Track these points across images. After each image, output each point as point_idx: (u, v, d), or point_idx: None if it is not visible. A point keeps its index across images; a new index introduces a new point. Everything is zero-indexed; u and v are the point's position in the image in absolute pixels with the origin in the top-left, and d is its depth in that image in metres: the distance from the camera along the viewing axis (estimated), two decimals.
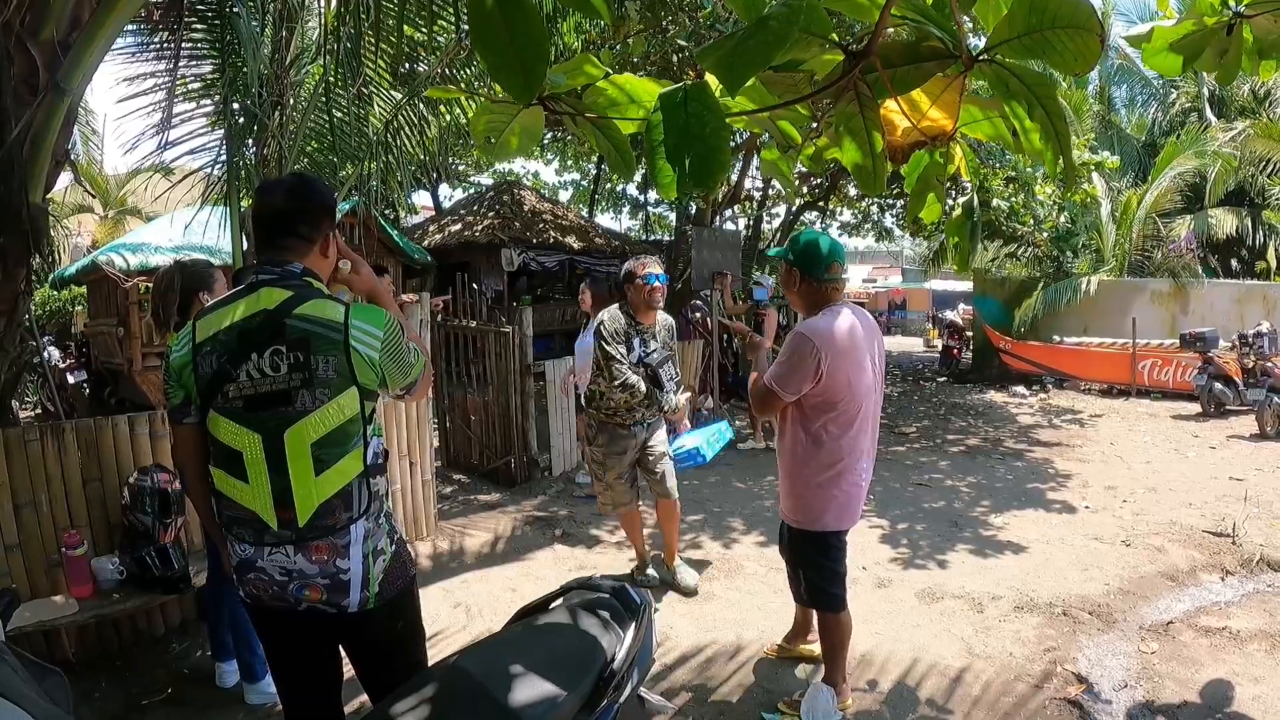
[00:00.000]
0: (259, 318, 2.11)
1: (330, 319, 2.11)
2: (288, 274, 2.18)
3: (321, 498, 2.09)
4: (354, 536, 2.14)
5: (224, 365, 2.10)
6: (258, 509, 2.09)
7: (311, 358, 2.08)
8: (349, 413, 2.11)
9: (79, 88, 3.64)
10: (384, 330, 2.15)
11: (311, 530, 2.09)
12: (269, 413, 2.08)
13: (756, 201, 16.41)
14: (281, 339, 2.08)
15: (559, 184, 22.90)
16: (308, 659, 2.35)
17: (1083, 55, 1.46)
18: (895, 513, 6.65)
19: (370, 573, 2.17)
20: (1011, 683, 3.83)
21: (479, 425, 7.89)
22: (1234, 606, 4.74)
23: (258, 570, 2.15)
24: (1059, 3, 1.44)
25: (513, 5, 1.24)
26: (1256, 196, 18.14)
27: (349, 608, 2.16)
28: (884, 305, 35.34)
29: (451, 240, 14.78)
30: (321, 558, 2.12)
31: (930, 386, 15.47)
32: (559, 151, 19.72)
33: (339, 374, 2.09)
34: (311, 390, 2.08)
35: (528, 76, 1.29)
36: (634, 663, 2.17)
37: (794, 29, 1.28)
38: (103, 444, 4.13)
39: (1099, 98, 22.93)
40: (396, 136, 6.86)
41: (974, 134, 1.86)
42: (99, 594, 3.88)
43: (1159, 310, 14.99)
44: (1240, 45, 2.40)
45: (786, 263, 3.38)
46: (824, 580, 3.41)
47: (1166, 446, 9.44)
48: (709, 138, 1.36)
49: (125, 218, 20.25)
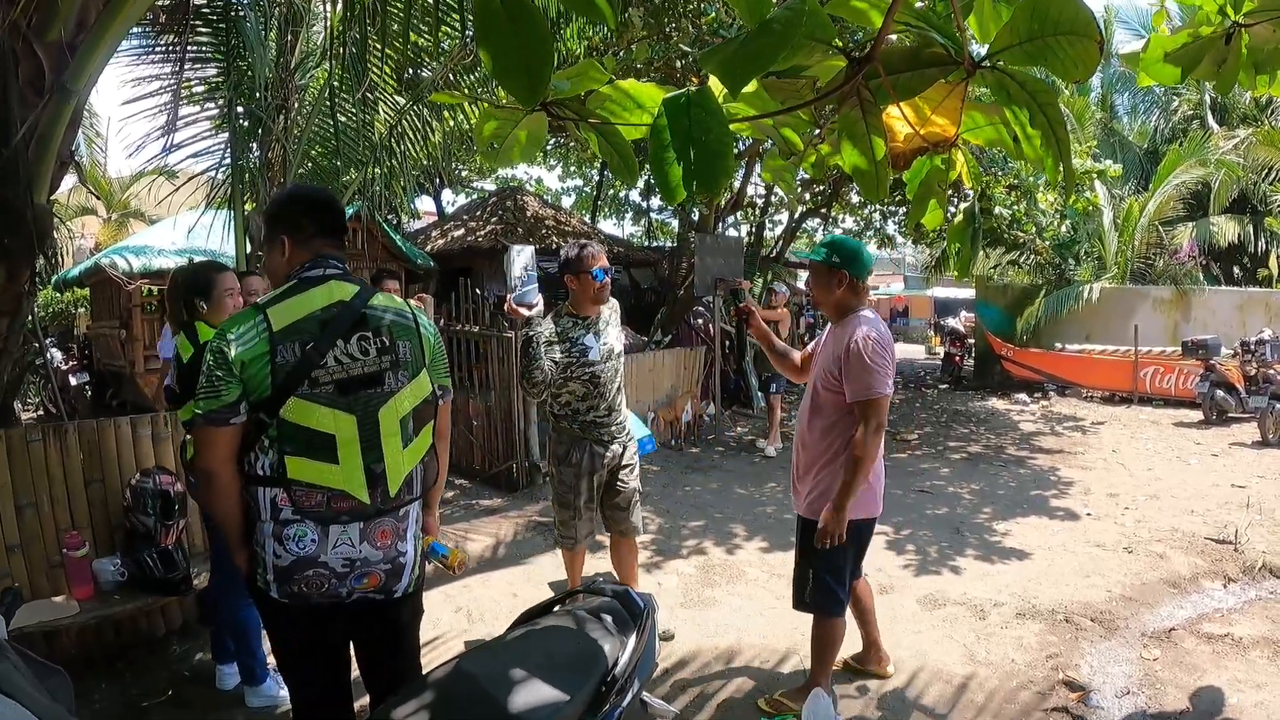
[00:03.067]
0: (336, 308, 2.24)
1: (402, 309, 2.39)
2: (346, 272, 2.36)
3: (408, 467, 2.30)
4: (411, 517, 2.36)
5: (309, 353, 2.16)
6: (350, 487, 2.19)
7: (397, 342, 2.30)
8: (426, 390, 2.38)
9: (85, 89, 3.66)
10: (432, 325, 2.49)
11: (398, 501, 2.28)
12: (362, 393, 2.23)
13: (759, 208, 16.42)
14: (365, 326, 2.26)
15: (562, 190, 22.86)
16: (333, 654, 2.42)
17: (1083, 62, 1.47)
18: (898, 519, 6.64)
19: (418, 555, 2.40)
20: (1013, 689, 3.83)
21: (481, 430, 7.90)
22: (1236, 613, 4.74)
23: (318, 567, 2.18)
24: (1060, 10, 1.44)
25: (519, 9, 1.25)
26: (1259, 204, 18.14)
27: (397, 592, 2.32)
28: (886, 312, 35.35)
29: (454, 245, 14.77)
30: (384, 542, 2.27)
31: (932, 393, 15.47)
32: (562, 157, 19.71)
33: (414, 357, 2.35)
34: (396, 371, 2.29)
35: (533, 81, 1.30)
36: (636, 667, 2.18)
37: (797, 32, 1.29)
38: (105, 445, 4.14)
39: (1101, 105, 22.95)
40: (400, 141, 6.88)
41: (976, 140, 1.87)
42: (100, 595, 3.89)
43: (1161, 317, 14.99)
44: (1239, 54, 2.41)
45: (828, 266, 3.41)
46: (835, 580, 3.43)
47: (1169, 454, 9.44)
48: (713, 142, 1.36)
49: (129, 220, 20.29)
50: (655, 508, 7.01)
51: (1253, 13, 2.28)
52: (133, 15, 3.58)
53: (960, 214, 2.16)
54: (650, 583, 5.20)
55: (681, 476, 8.33)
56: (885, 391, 3.24)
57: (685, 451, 9.59)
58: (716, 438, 10.43)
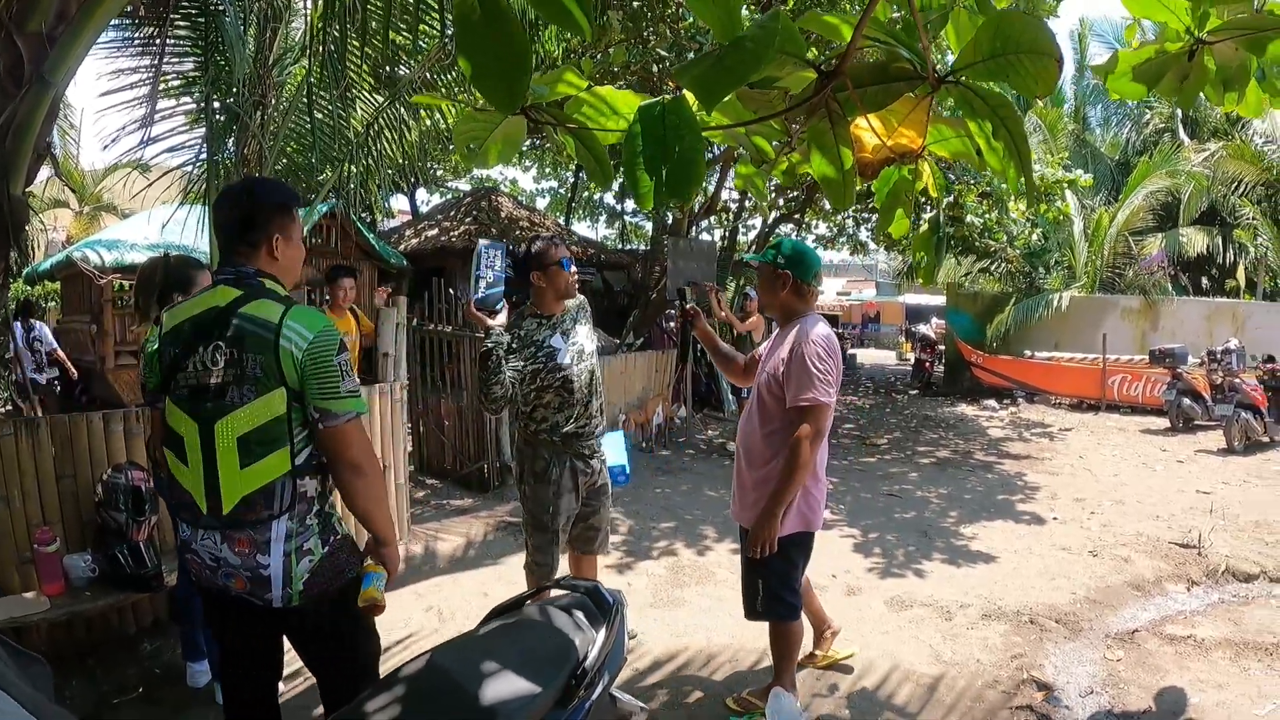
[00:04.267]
0: (211, 314, 2.23)
1: (266, 319, 2.19)
2: (242, 274, 2.28)
3: (245, 490, 2.18)
4: (275, 534, 2.22)
5: (177, 356, 2.25)
6: (193, 493, 2.23)
7: (245, 355, 2.17)
8: (276, 411, 2.19)
9: (63, 81, 3.64)
10: (315, 335, 2.20)
11: (233, 520, 2.20)
12: (205, 403, 2.20)
13: (733, 213, 16.51)
14: (224, 335, 2.19)
15: (536, 191, 22.87)
16: (243, 642, 2.47)
17: (1043, 78, 1.53)
18: (866, 522, 6.72)
19: (293, 571, 2.24)
20: (978, 689, 3.90)
21: (452, 431, 7.90)
22: (1199, 615, 4.84)
23: (193, 551, 2.30)
24: (1021, 29, 1.50)
25: (497, 18, 1.29)
26: (1228, 216, 18.46)
27: (273, 602, 2.25)
28: (858, 318, 35.61)
29: (427, 245, 14.75)
30: (243, 550, 2.22)
31: (902, 399, 15.62)
32: (537, 159, 19.73)
33: (265, 372, 2.17)
34: (241, 386, 2.17)
35: (511, 87, 1.34)
36: (606, 662, 2.21)
37: (770, 50, 1.33)
38: (76, 440, 4.11)
39: (1074, 117, 23.31)
40: (376, 140, 6.87)
41: (942, 152, 1.92)
42: (71, 591, 3.85)
43: (1129, 326, 15.23)
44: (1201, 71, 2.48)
45: (773, 266, 3.38)
46: (784, 588, 3.40)
47: (1135, 460, 9.59)
48: (685, 150, 1.40)
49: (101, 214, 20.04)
50: (625, 509, 7.05)
51: (1216, 30, 2.35)
52: (113, 8, 3.58)
53: (926, 223, 2.21)
54: (620, 583, 5.24)
55: (652, 479, 8.38)
56: (824, 399, 3.16)
57: (656, 454, 9.63)
58: (687, 440, 10.49)
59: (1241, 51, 2.40)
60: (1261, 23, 2.26)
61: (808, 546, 3.50)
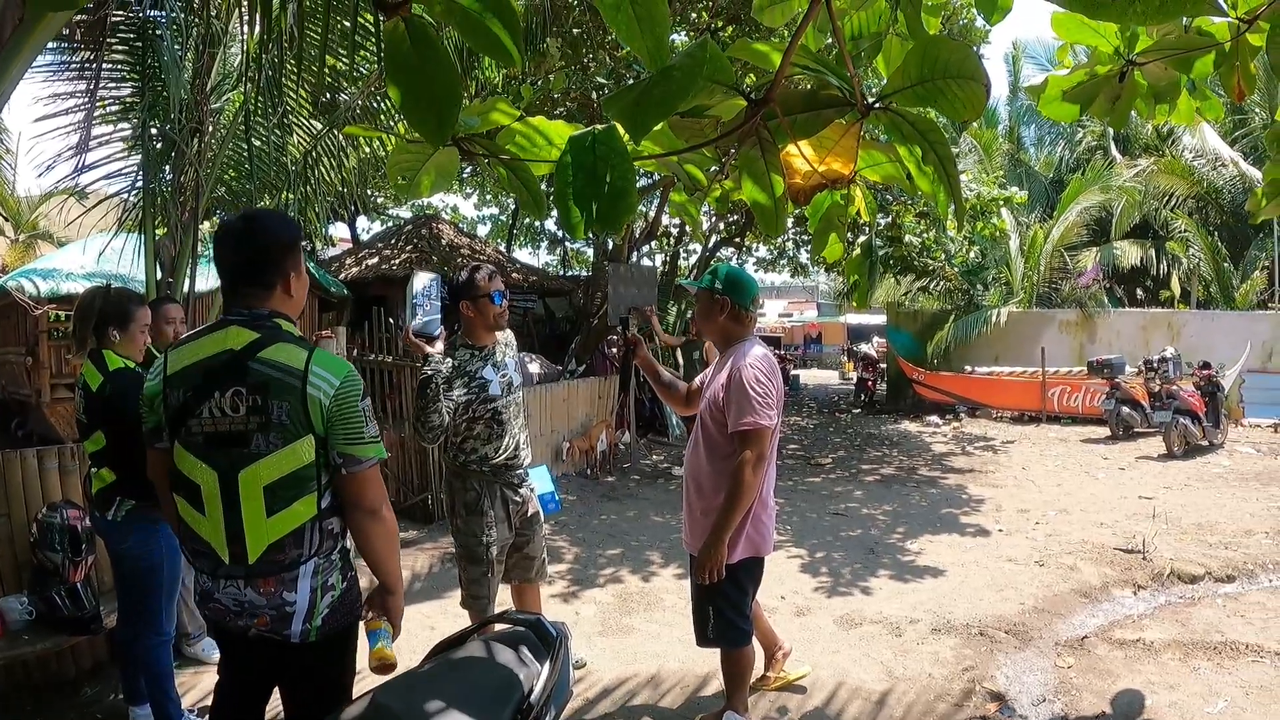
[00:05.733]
0: (224, 357, 2.14)
1: (290, 364, 2.12)
2: (255, 316, 2.20)
3: (272, 538, 2.12)
4: (303, 572, 2.18)
5: (188, 400, 2.15)
6: (213, 543, 2.15)
7: (269, 402, 2.10)
8: (304, 459, 2.13)
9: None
10: (341, 381, 2.15)
11: (261, 566, 2.14)
12: (225, 452, 2.12)
13: (674, 237, 16.62)
14: (242, 381, 2.11)
15: (478, 218, 22.76)
16: (251, 686, 2.43)
17: (970, 103, 1.56)
18: (812, 542, 6.75)
19: (316, 606, 2.20)
20: (931, 703, 3.92)
21: (395, 461, 7.78)
22: (1147, 619, 4.95)
23: (215, 600, 2.23)
24: (949, 54, 1.53)
25: (427, 49, 1.28)
26: (1160, 229, 18.99)
27: (291, 637, 2.20)
28: (800, 339, 35.96)
29: (368, 273, 14.60)
30: (269, 589, 2.16)
31: (846, 418, 15.78)
32: (478, 186, 19.66)
33: (293, 420, 2.10)
34: (266, 434, 2.10)
35: (440, 119, 1.33)
36: (551, 695, 2.19)
37: (697, 80, 1.34)
38: (10, 478, 3.99)
39: (1009, 137, 23.91)
40: (315, 167, 6.78)
41: (873, 176, 1.95)
42: (7, 635, 3.72)
43: (1067, 339, 15.57)
44: (1133, 91, 2.56)
45: (711, 292, 3.37)
46: (736, 614, 3.39)
47: (1077, 469, 9.79)
48: (616, 180, 1.40)
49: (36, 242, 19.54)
50: (571, 537, 7.01)
51: (1146, 51, 2.42)
52: (50, 32, 3.50)
53: (858, 248, 2.24)
54: (568, 612, 5.19)
55: (598, 505, 8.34)
56: (765, 423, 3.16)
57: (601, 480, 9.60)
58: (632, 465, 10.48)
59: (1171, 70, 2.47)
60: (1189, 42, 2.33)
61: (758, 572, 3.50)
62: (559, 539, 6.83)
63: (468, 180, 18.43)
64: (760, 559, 3.45)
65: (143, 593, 3.49)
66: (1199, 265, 17.46)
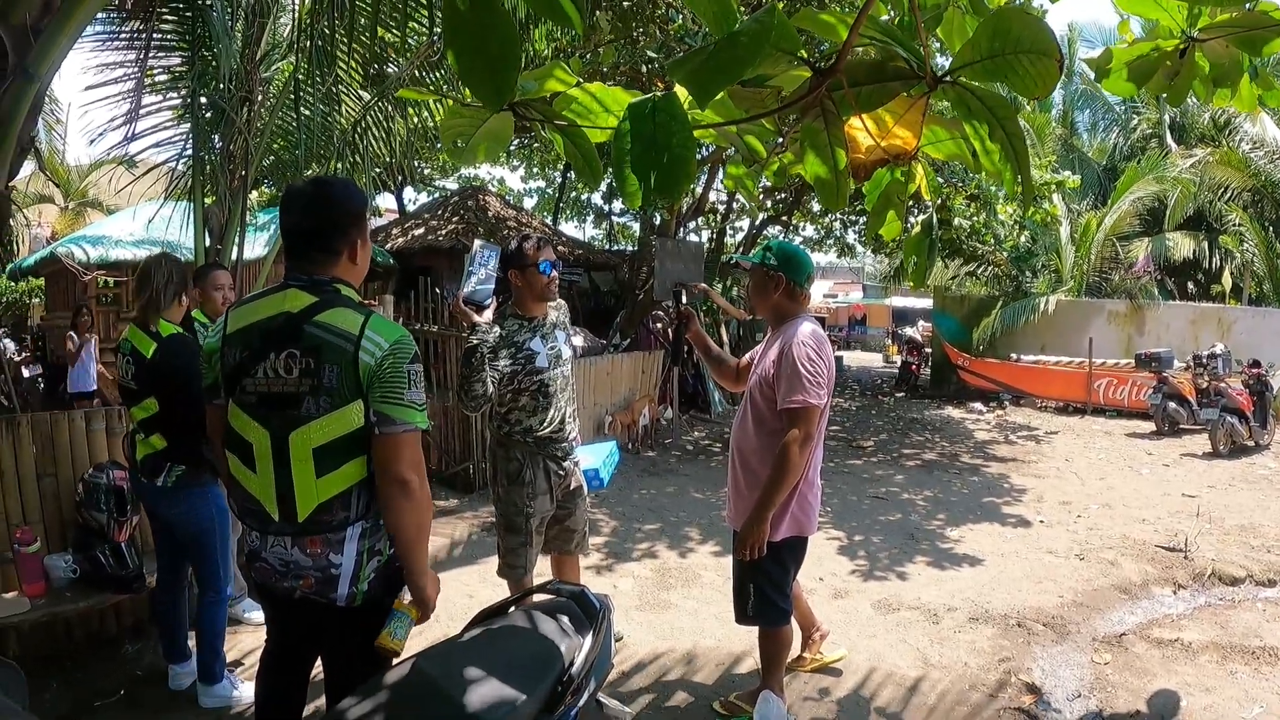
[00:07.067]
0: (280, 319, 2.17)
1: (345, 329, 2.12)
2: (316, 281, 2.22)
3: (321, 498, 2.14)
4: (350, 535, 2.19)
5: (244, 360, 2.18)
6: (263, 500, 2.18)
7: (321, 365, 2.11)
8: (354, 423, 2.13)
9: (48, 75, 3.58)
10: (392, 343, 2.13)
11: (309, 525, 2.16)
12: (278, 412, 2.14)
13: (721, 214, 16.51)
14: (297, 343, 2.13)
15: (524, 191, 22.81)
16: (295, 648, 2.48)
17: (1043, 79, 1.51)
18: (852, 524, 6.71)
19: (362, 570, 2.22)
20: (966, 692, 3.89)
21: (438, 430, 7.85)
22: (1186, 619, 4.85)
23: (262, 559, 2.26)
24: (1021, 28, 1.48)
25: (486, 10, 1.25)
26: (1214, 222, 18.55)
27: (337, 600, 2.21)
28: (845, 320, 35.68)
29: (414, 244, 14.68)
30: (315, 550, 2.18)
31: (888, 401, 15.65)
32: (525, 158, 19.68)
33: (342, 384, 2.11)
34: (317, 397, 2.11)
35: (498, 82, 1.30)
36: (593, 667, 2.18)
37: (764, 45, 1.30)
38: (58, 438, 4.06)
39: (1062, 121, 23.42)
40: (364, 137, 6.81)
41: (937, 154, 1.90)
42: (51, 592, 3.80)
43: (1115, 330, 15.29)
44: (1192, 68, 2.47)
45: (765, 268, 3.33)
46: (777, 593, 3.37)
47: (1121, 463, 9.62)
48: (675, 149, 1.37)
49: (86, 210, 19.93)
50: (610, 511, 7.04)
51: (1208, 28, 2.34)
52: (99, 1, 3.53)
53: (918, 226, 2.18)
54: (605, 585, 5.21)
55: (637, 480, 8.36)
56: (814, 401, 3.11)
57: (642, 455, 9.62)
58: (674, 441, 10.48)
59: (1233, 49, 2.39)
60: (1254, 21, 2.25)
61: (801, 551, 3.47)
62: (598, 512, 6.84)
63: (515, 152, 18.45)
64: (804, 539, 3.42)
65: (199, 556, 3.59)
66: (1252, 261, 17.05)
